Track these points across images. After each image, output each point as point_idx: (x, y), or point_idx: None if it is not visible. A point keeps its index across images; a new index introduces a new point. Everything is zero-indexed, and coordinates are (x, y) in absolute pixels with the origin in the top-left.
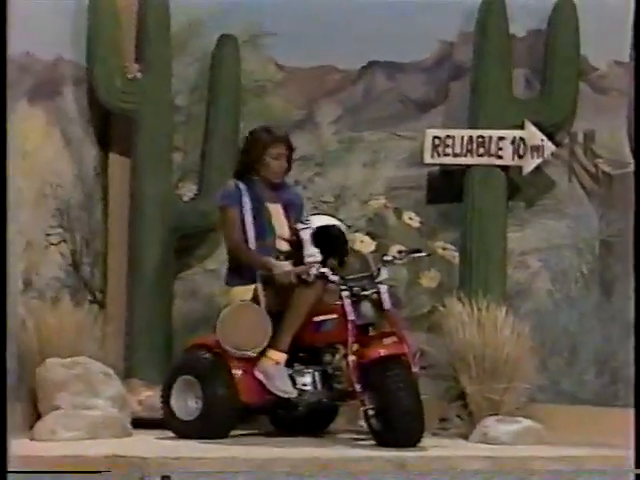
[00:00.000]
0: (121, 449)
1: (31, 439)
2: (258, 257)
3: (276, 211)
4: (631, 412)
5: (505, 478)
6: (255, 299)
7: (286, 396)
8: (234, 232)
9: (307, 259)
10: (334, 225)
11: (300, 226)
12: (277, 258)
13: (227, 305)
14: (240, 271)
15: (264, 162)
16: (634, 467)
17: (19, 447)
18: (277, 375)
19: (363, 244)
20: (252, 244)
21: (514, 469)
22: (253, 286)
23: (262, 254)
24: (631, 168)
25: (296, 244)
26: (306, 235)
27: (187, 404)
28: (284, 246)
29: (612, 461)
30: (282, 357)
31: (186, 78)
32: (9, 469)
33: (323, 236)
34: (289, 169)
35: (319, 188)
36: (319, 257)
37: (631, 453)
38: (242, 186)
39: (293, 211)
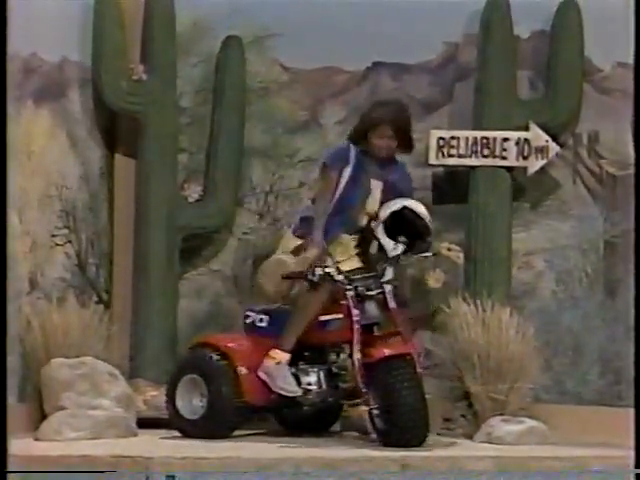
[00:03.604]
0: (126, 449)
1: (36, 439)
2: (319, 241)
3: (375, 188)
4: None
5: (509, 478)
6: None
7: (290, 395)
8: (322, 195)
9: (389, 254)
10: (404, 207)
11: (373, 223)
12: (349, 233)
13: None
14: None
15: (369, 139)
16: (634, 467)
17: (24, 447)
18: (279, 375)
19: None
20: (335, 207)
21: (518, 469)
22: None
23: (336, 226)
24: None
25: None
26: (379, 230)
27: (192, 403)
28: (364, 222)
29: (616, 461)
30: (285, 357)
31: (191, 79)
32: (13, 469)
33: (397, 221)
34: (407, 146)
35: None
36: (400, 249)
37: (631, 453)
38: (353, 151)
39: (393, 191)
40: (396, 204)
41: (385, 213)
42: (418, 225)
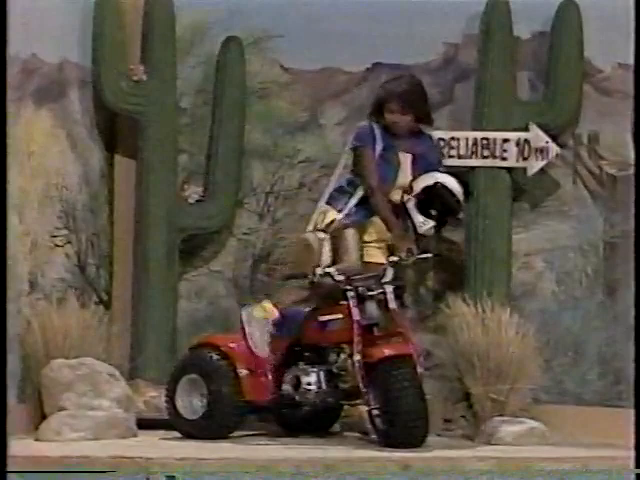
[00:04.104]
0: (126, 449)
1: (36, 439)
2: (388, 211)
3: (405, 161)
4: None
5: (509, 479)
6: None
7: (255, 350)
8: (371, 173)
9: (419, 230)
10: (436, 183)
11: (405, 197)
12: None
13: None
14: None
15: (383, 114)
16: (634, 467)
17: (24, 447)
18: (257, 328)
19: None
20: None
21: (518, 470)
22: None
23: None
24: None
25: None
26: (410, 204)
27: (192, 403)
28: (397, 197)
29: (616, 462)
30: (273, 312)
31: (191, 80)
32: (12, 469)
33: (429, 196)
34: (424, 119)
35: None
36: (430, 223)
37: (631, 453)
38: (377, 129)
39: (422, 163)
40: (429, 179)
41: (417, 188)
42: (450, 201)
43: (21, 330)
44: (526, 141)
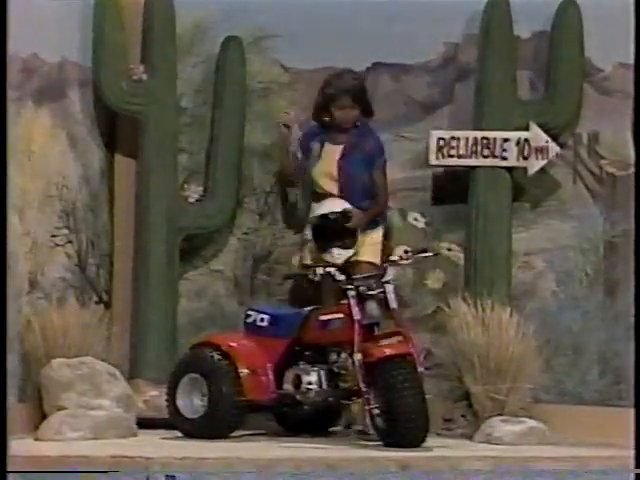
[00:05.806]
0: (126, 449)
1: (36, 439)
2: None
3: (332, 151)
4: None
5: (509, 478)
6: None
7: None
8: None
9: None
10: (330, 212)
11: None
12: (317, 196)
13: None
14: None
15: (331, 111)
16: (634, 467)
17: (24, 447)
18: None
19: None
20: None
21: (518, 469)
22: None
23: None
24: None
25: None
26: (307, 231)
27: (193, 402)
28: (328, 185)
29: (616, 461)
30: None
31: (191, 80)
32: (13, 469)
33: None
34: (367, 112)
35: None
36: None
37: (631, 453)
38: (318, 126)
39: (357, 155)
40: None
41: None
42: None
43: (21, 329)
44: (526, 140)
